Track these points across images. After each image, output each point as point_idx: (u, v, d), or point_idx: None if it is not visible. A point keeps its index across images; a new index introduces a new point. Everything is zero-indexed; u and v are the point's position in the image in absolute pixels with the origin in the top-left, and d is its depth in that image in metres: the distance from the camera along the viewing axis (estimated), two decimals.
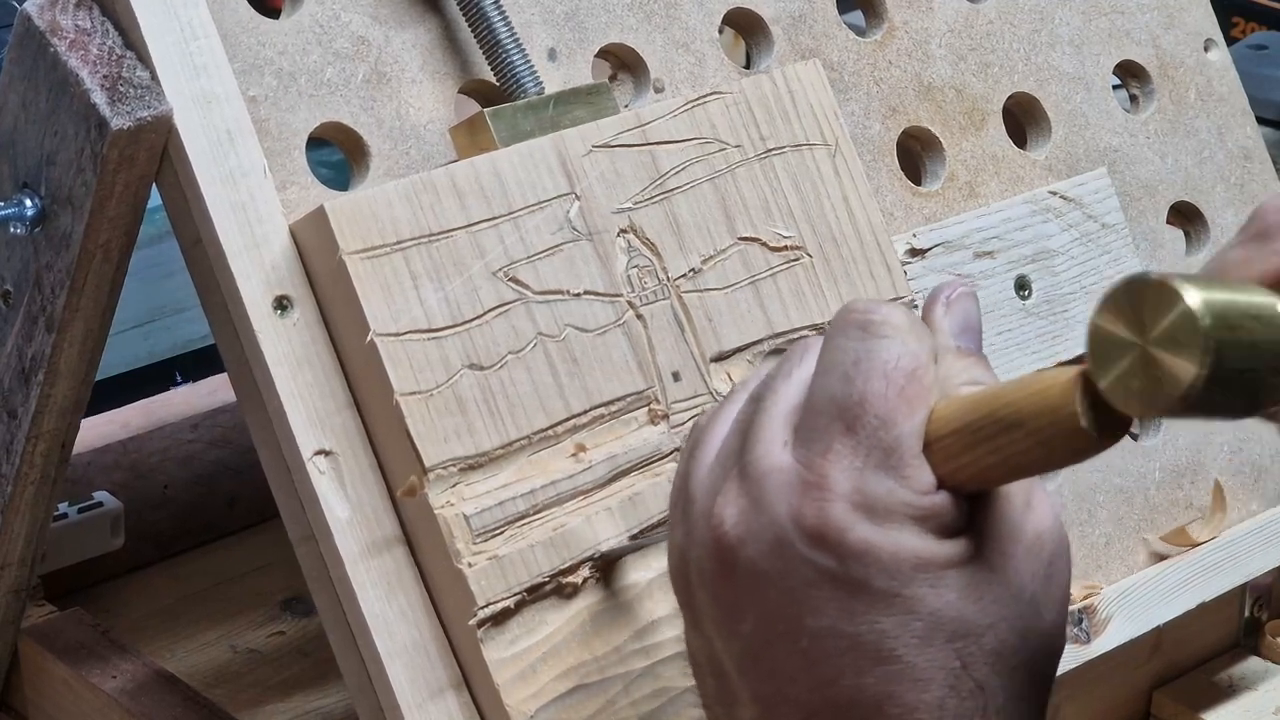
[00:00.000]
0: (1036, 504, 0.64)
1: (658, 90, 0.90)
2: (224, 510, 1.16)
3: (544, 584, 0.76)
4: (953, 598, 0.62)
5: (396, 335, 0.75)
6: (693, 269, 0.82)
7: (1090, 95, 1.05)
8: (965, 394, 0.63)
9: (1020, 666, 0.63)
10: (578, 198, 0.80)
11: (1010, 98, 1.02)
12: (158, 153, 0.78)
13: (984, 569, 0.63)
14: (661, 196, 0.82)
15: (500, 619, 0.75)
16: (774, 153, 0.85)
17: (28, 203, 0.81)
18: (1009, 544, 0.64)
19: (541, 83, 0.84)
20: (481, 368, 0.76)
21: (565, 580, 0.77)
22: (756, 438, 0.65)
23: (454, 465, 0.75)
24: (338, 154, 0.84)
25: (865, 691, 0.62)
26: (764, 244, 0.84)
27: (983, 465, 0.61)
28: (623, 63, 0.91)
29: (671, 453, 0.80)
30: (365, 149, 0.82)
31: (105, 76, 0.76)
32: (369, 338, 0.75)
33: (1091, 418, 0.58)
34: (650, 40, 0.90)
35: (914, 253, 0.94)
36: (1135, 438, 1.00)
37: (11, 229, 0.82)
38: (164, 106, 0.76)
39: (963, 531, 0.63)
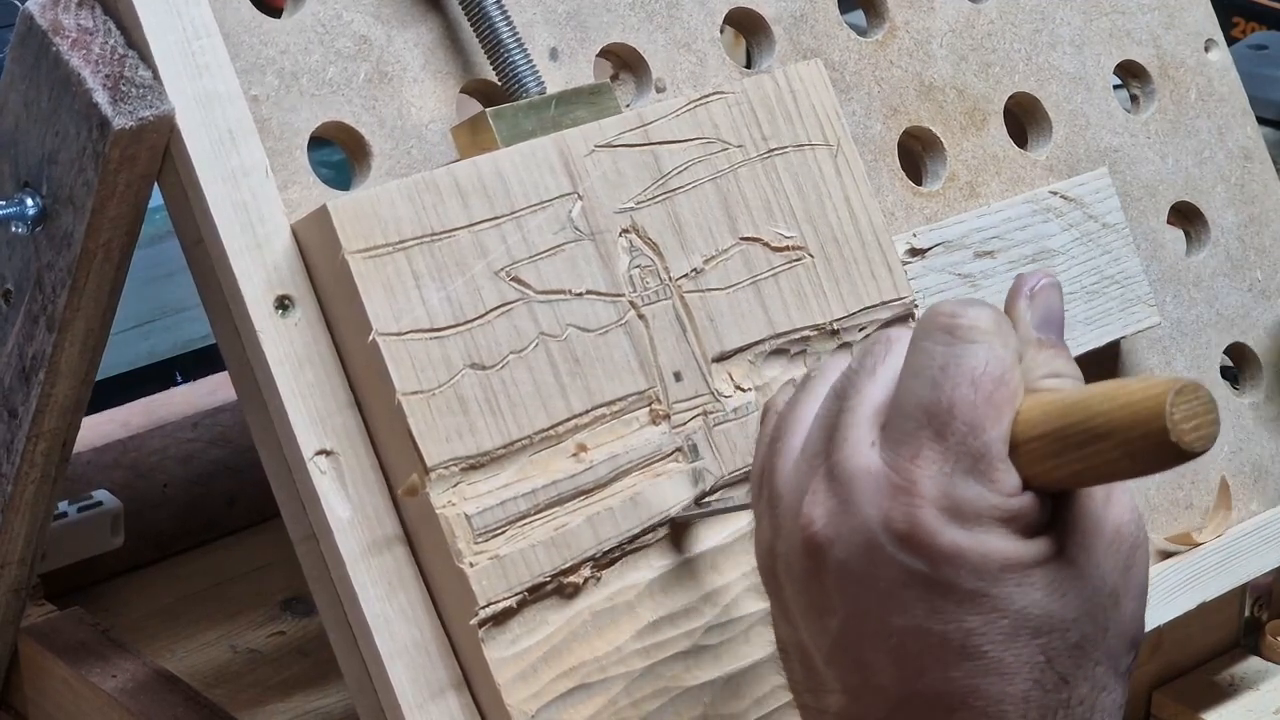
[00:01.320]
0: (1116, 498, 0.66)
1: (659, 90, 0.90)
2: (224, 510, 1.16)
3: (545, 584, 0.76)
4: (1038, 595, 0.64)
5: (398, 335, 0.75)
6: (694, 269, 0.82)
7: (1091, 95, 1.05)
8: (1050, 396, 0.64)
9: (1101, 659, 0.65)
10: (580, 197, 0.80)
11: (1011, 98, 1.02)
12: (159, 152, 0.78)
13: (1067, 565, 0.65)
14: (664, 196, 0.82)
15: (501, 619, 0.75)
16: (776, 153, 0.85)
17: (29, 202, 0.81)
18: (1091, 539, 0.65)
19: (543, 82, 0.84)
20: (483, 367, 0.76)
21: (566, 580, 0.77)
22: (844, 437, 0.66)
23: (455, 465, 0.75)
24: (339, 154, 0.84)
25: (952, 685, 0.64)
26: (766, 244, 0.84)
27: (1068, 471, 0.63)
28: (624, 62, 0.91)
29: (673, 453, 0.80)
30: (367, 148, 0.82)
31: (107, 76, 0.76)
32: (371, 337, 0.75)
33: (1181, 432, 0.60)
34: (652, 40, 0.90)
35: (914, 252, 0.94)
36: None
37: (13, 228, 0.82)
38: (166, 106, 0.76)
39: (1046, 530, 0.65)
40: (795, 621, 0.68)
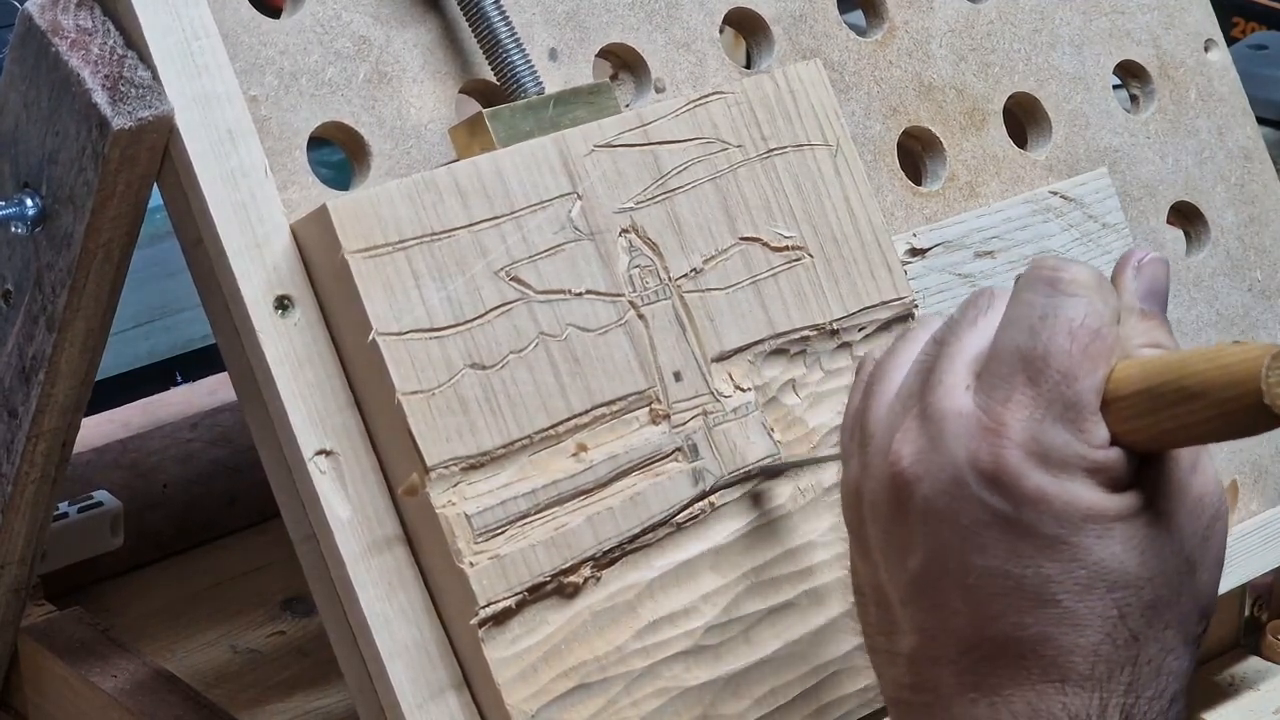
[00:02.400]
0: (1202, 468, 0.67)
1: (658, 90, 0.90)
2: (224, 509, 1.16)
3: (545, 583, 0.76)
4: (1117, 549, 0.65)
5: (398, 334, 0.75)
6: (694, 269, 0.82)
7: (1090, 95, 1.05)
8: (1147, 356, 0.66)
9: (1173, 623, 0.66)
10: (580, 197, 0.80)
11: (1011, 98, 1.02)
12: (159, 152, 0.78)
13: (1148, 525, 0.66)
14: (663, 196, 0.82)
15: (501, 618, 0.75)
16: (775, 153, 0.85)
17: (29, 202, 0.81)
18: (1173, 503, 0.66)
19: (542, 83, 0.84)
20: (483, 367, 0.76)
21: (566, 580, 0.77)
22: (939, 380, 0.67)
23: (455, 464, 0.75)
24: (339, 154, 0.84)
25: (1024, 630, 0.65)
26: (765, 244, 0.84)
27: (1159, 429, 0.64)
28: (624, 62, 0.91)
29: (673, 452, 0.80)
30: (366, 149, 0.82)
31: (107, 76, 0.76)
32: (371, 337, 0.75)
33: (1275, 396, 0.61)
34: (651, 40, 0.90)
35: (914, 252, 0.94)
36: None
37: (13, 228, 0.82)
38: (165, 106, 0.76)
39: (1131, 487, 0.66)
40: (875, 560, 0.69)
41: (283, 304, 0.77)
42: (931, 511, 0.66)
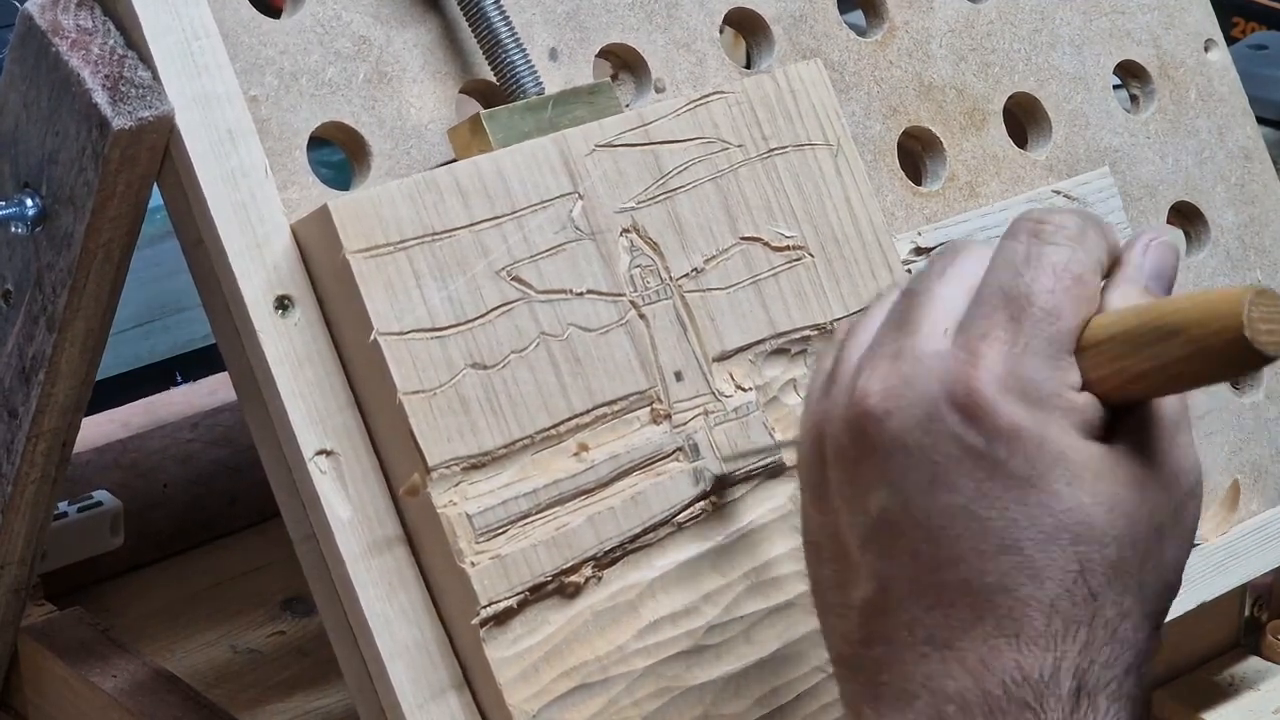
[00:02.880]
0: (1182, 444, 0.67)
1: (659, 90, 0.90)
2: (224, 509, 1.16)
3: (546, 583, 0.76)
4: (1085, 500, 0.64)
5: (400, 334, 0.75)
6: (695, 268, 0.82)
7: (1091, 95, 1.05)
8: (1121, 309, 0.66)
9: (1133, 589, 0.65)
10: (580, 197, 0.80)
11: (1011, 98, 1.02)
12: (159, 152, 0.78)
13: (1119, 482, 0.65)
14: (664, 196, 0.82)
15: (502, 618, 0.75)
16: (776, 152, 0.85)
17: (29, 202, 0.81)
18: (1149, 469, 0.66)
19: (542, 83, 0.84)
20: (484, 367, 0.76)
21: (568, 580, 0.77)
22: (915, 326, 0.67)
23: (456, 464, 0.75)
24: (339, 154, 0.84)
25: (983, 578, 0.64)
26: (766, 244, 0.84)
27: (1135, 371, 0.63)
28: (624, 62, 0.91)
29: (674, 452, 0.80)
30: (367, 149, 0.82)
31: (107, 76, 0.76)
32: (372, 336, 0.75)
33: (1257, 330, 0.59)
34: (651, 40, 0.90)
35: (919, 251, 0.94)
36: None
37: (13, 228, 0.82)
38: (165, 106, 0.76)
39: (1105, 440, 0.65)
40: (834, 506, 0.68)
41: (283, 304, 0.77)
42: (899, 447, 0.65)
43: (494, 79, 0.85)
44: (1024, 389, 0.64)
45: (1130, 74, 1.08)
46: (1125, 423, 0.66)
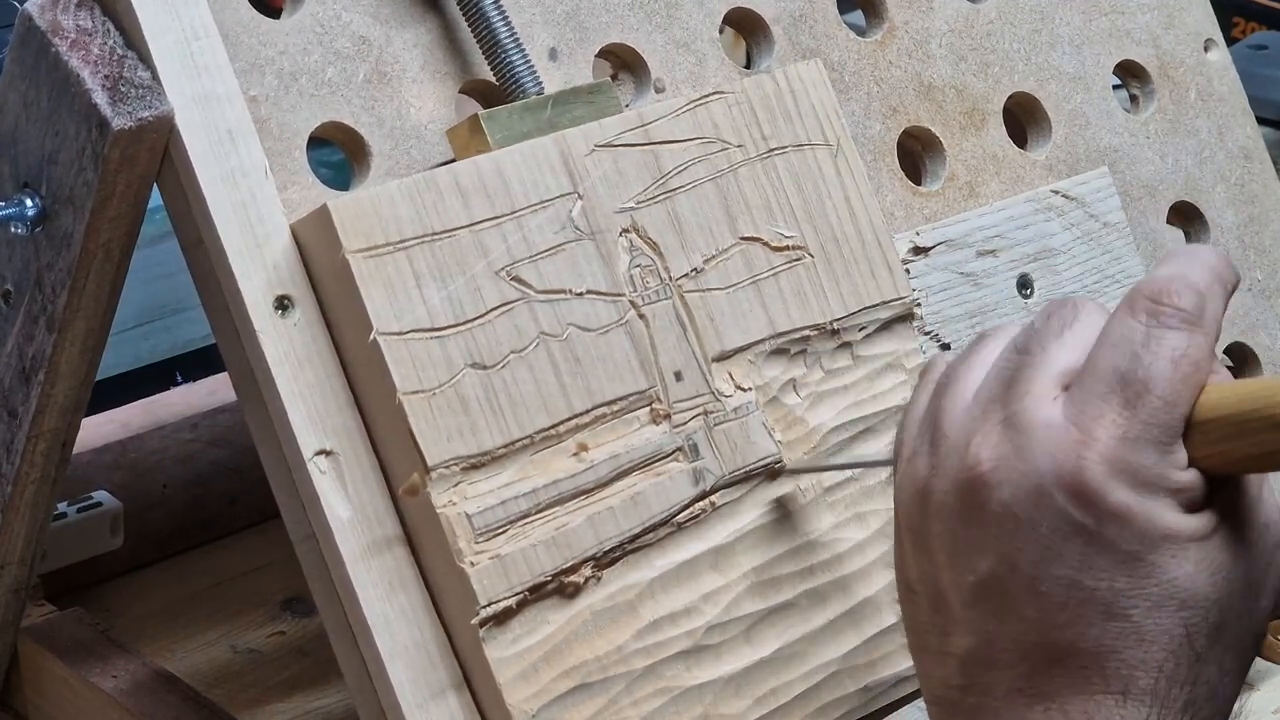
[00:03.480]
0: (1266, 494, 0.68)
1: (658, 90, 0.90)
2: (224, 510, 1.16)
3: (546, 583, 0.76)
4: (1190, 569, 0.66)
5: (399, 334, 0.75)
6: (695, 268, 0.82)
7: (1090, 95, 1.05)
8: (1229, 383, 0.67)
9: (1232, 645, 0.67)
10: (580, 197, 0.80)
11: (1010, 98, 1.02)
12: (159, 153, 0.78)
13: (1220, 547, 0.66)
14: (664, 196, 0.82)
15: (502, 618, 0.75)
16: (776, 152, 0.85)
17: (29, 202, 0.81)
18: (1244, 529, 0.67)
19: (541, 83, 0.84)
20: (484, 367, 0.76)
21: (567, 579, 0.77)
22: (1025, 389, 0.67)
23: (456, 464, 0.75)
24: (338, 154, 0.84)
25: (1089, 642, 0.66)
26: (766, 244, 0.84)
27: (1239, 455, 0.65)
28: (624, 62, 0.91)
29: (673, 452, 0.80)
30: (366, 149, 0.82)
31: (106, 76, 0.76)
32: (372, 336, 0.75)
33: None
34: (651, 40, 0.90)
35: (917, 251, 0.94)
36: None
37: (12, 229, 0.81)
38: (165, 106, 0.76)
39: (1205, 509, 0.66)
40: (937, 560, 0.69)
41: (283, 304, 0.77)
42: (1009, 517, 0.66)
43: (494, 79, 0.85)
44: (1134, 474, 0.65)
45: (1130, 74, 1.08)
46: (1220, 486, 0.67)
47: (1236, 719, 0.72)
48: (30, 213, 0.81)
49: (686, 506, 0.80)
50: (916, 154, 0.99)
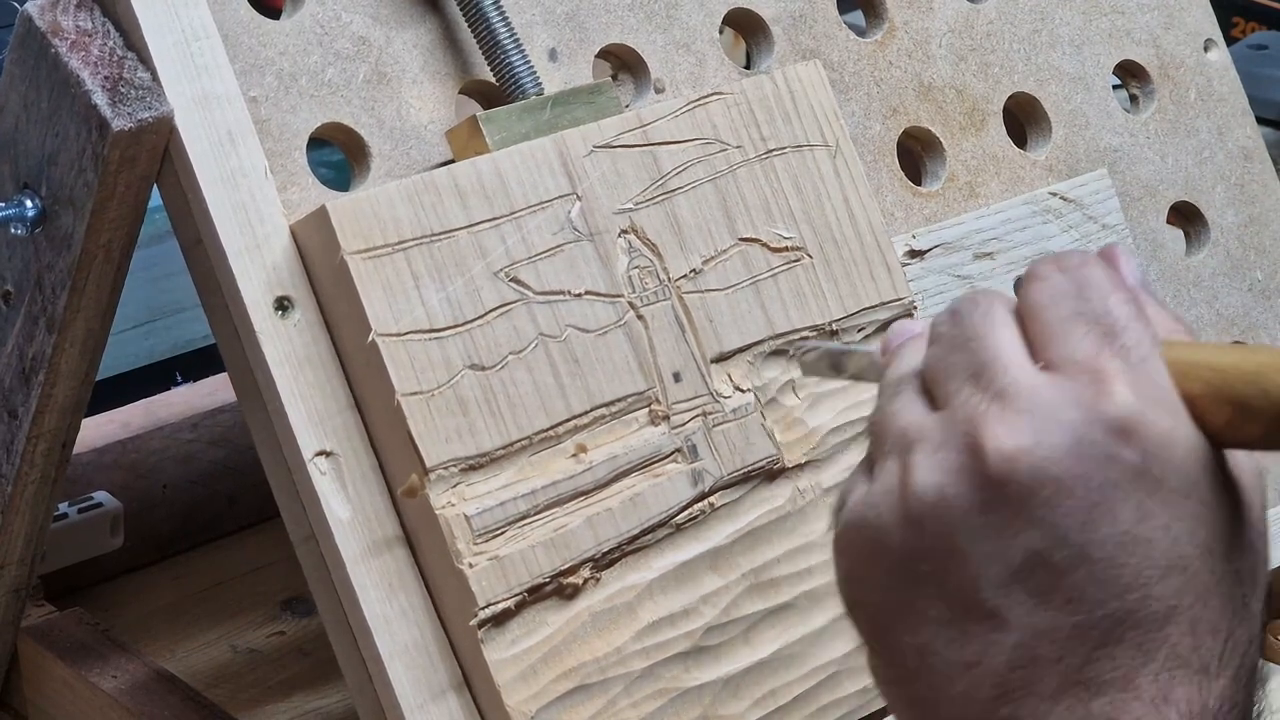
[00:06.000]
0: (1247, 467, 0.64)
1: (658, 91, 0.90)
2: (224, 510, 1.16)
3: (544, 584, 0.76)
4: (1230, 508, 0.61)
5: (398, 335, 0.75)
6: (694, 269, 0.82)
7: (1090, 95, 1.05)
8: (1192, 348, 0.63)
9: (1264, 584, 0.63)
10: (579, 198, 0.80)
11: (1010, 98, 1.02)
12: (159, 153, 0.78)
13: (1246, 487, 0.63)
14: (663, 197, 0.82)
15: (501, 619, 0.75)
16: (775, 153, 0.85)
17: (29, 203, 0.81)
18: (1246, 474, 0.63)
19: (541, 83, 0.84)
20: (483, 368, 0.76)
21: (566, 581, 0.77)
22: (1000, 368, 0.63)
23: (455, 465, 0.75)
24: (339, 154, 0.84)
25: (1152, 605, 0.60)
26: (765, 245, 0.84)
27: (1256, 435, 0.61)
28: (623, 63, 0.91)
29: (672, 453, 0.80)
30: (366, 149, 0.82)
31: (106, 78, 0.76)
32: (370, 338, 0.75)
33: None
34: (651, 41, 0.91)
35: (913, 254, 0.94)
36: None
37: (12, 229, 0.82)
38: (165, 107, 0.76)
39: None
40: (947, 567, 0.62)
41: (282, 305, 0.77)
42: (1046, 483, 0.61)
43: (493, 80, 0.85)
44: (1160, 398, 0.61)
45: (1130, 74, 1.08)
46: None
47: (1260, 716, 0.65)
48: (30, 213, 0.81)
49: (685, 507, 0.80)
50: (916, 154, 0.99)
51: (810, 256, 0.85)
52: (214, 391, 1.18)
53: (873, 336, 0.86)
